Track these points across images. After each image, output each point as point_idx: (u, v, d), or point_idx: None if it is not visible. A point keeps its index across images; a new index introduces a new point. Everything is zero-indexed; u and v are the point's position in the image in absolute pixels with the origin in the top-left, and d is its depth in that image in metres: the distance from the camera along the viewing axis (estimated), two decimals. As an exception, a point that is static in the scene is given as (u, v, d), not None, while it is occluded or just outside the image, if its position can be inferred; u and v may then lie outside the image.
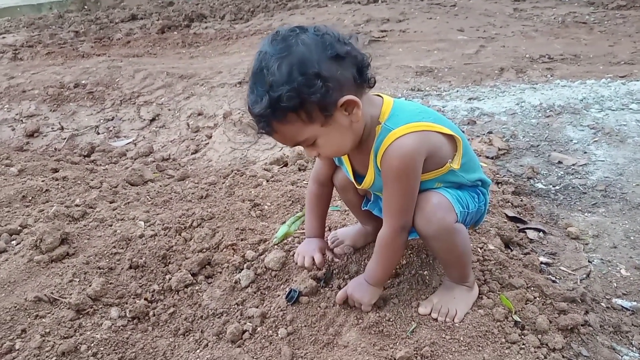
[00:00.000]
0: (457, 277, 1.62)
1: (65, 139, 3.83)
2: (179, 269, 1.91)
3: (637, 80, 3.53)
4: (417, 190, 1.44)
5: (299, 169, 2.80)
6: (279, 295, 1.74)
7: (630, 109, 3.12)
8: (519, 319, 1.58)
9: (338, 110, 1.30)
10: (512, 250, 2.00)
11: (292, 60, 1.23)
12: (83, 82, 4.55)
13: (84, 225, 2.18)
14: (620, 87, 3.43)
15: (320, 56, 1.25)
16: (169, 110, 3.98)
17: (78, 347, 1.58)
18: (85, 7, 9.29)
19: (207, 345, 1.61)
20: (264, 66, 1.25)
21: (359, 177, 1.57)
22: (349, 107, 1.31)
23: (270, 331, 1.61)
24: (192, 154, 3.39)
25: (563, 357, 1.48)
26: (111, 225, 2.19)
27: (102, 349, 1.59)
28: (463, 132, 1.66)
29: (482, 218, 1.68)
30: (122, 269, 1.91)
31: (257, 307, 1.71)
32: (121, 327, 1.68)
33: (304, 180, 2.60)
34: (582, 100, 3.30)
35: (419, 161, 1.39)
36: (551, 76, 3.84)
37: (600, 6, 5.82)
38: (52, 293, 1.77)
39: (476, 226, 1.74)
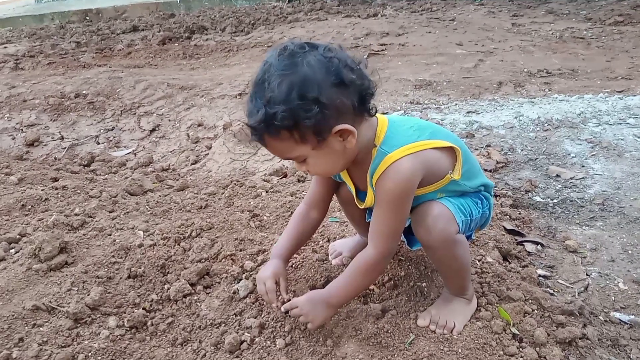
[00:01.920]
0: (456, 289, 1.63)
1: (65, 148, 3.84)
2: (178, 279, 1.91)
3: (635, 95, 3.56)
4: (407, 216, 1.45)
5: (299, 180, 2.81)
6: (277, 306, 1.73)
7: (628, 123, 3.14)
8: (517, 332, 1.58)
9: (332, 136, 1.29)
10: (510, 263, 2.00)
11: (294, 80, 1.22)
12: (84, 92, 4.58)
13: (83, 235, 2.18)
14: (618, 102, 3.46)
15: (323, 81, 1.24)
16: (169, 120, 4.00)
17: (75, 356, 1.58)
18: (87, 18, 9.37)
19: (205, 355, 1.61)
20: (266, 78, 1.25)
21: (362, 193, 1.58)
22: (344, 134, 1.31)
23: (269, 342, 1.61)
24: (192, 164, 3.40)
25: (561, 370, 1.48)
26: (110, 235, 2.19)
27: (99, 358, 1.59)
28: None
29: (488, 221, 1.69)
30: (120, 278, 1.91)
31: (255, 318, 1.70)
32: (119, 337, 1.68)
33: (303, 191, 2.61)
34: (579, 115, 3.32)
35: (414, 184, 1.39)
36: (549, 90, 3.87)
37: (598, 22, 5.88)
38: (50, 302, 1.76)
39: (482, 228, 1.74)
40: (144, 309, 1.79)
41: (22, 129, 4.12)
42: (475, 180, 1.56)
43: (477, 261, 1.90)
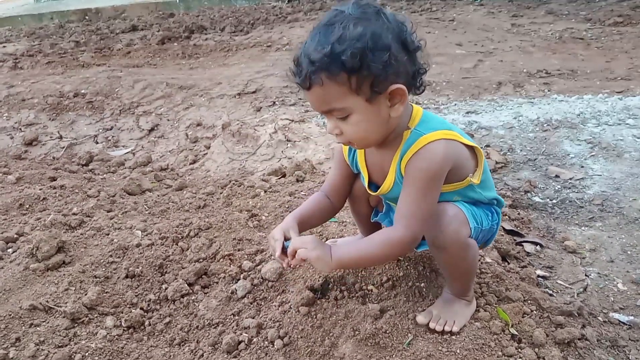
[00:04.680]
0: (458, 290, 1.62)
1: (63, 147, 3.83)
2: (176, 279, 1.90)
3: (634, 96, 3.56)
4: (437, 201, 1.41)
5: (297, 180, 2.80)
6: (275, 306, 1.73)
7: (627, 124, 3.14)
8: (515, 332, 1.57)
9: (384, 95, 1.28)
10: (509, 264, 2.00)
11: (369, 25, 1.22)
12: (83, 91, 4.57)
13: (81, 234, 2.18)
14: (617, 103, 3.46)
15: (395, 37, 1.25)
16: (168, 120, 3.99)
17: (72, 356, 1.57)
18: (86, 17, 9.36)
19: (202, 355, 1.60)
20: (337, 20, 1.23)
21: (373, 185, 1.56)
22: (395, 97, 1.29)
23: (266, 342, 1.60)
24: (191, 164, 3.40)
25: (560, 371, 1.48)
26: (108, 234, 2.18)
27: (96, 358, 1.58)
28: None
29: (492, 239, 1.67)
30: (118, 278, 1.91)
31: (253, 318, 1.70)
32: (116, 337, 1.67)
33: (301, 191, 2.60)
34: (579, 115, 3.32)
35: (446, 168, 1.37)
36: (548, 91, 3.87)
37: (597, 22, 5.87)
38: (47, 301, 1.76)
39: (486, 246, 1.72)
40: (141, 308, 1.79)
41: (20, 128, 4.11)
42: (489, 192, 1.56)
43: (476, 261, 1.89)
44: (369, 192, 1.59)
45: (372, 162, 1.54)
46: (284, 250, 1.44)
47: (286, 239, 1.47)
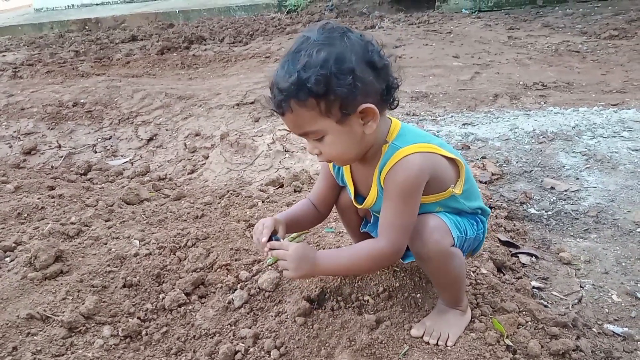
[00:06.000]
0: (450, 300, 1.63)
1: (62, 157, 3.85)
2: (173, 289, 1.91)
3: (629, 109, 3.59)
4: (417, 212, 1.44)
5: (295, 191, 2.82)
6: (271, 316, 1.74)
7: (622, 136, 3.17)
8: (510, 343, 1.58)
9: (355, 115, 1.31)
10: (504, 275, 2.01)
11: (332, 50, 1.25)
12: (82, 101, 4.59)
13: (79, 243, 2.18)
14: (612, 115, 3.49)
15: (360, 57, 1.28)
16: (167, 130, 4.01)
17: (69, 365, 1.58)
18: (86, 27, 9.41)
19: (199, 365, 1.61)
20: (303, 48, 1.27)
21: (360, 197, 1.59)
22: (367, 116, 1.32)
23: (263, 352, 1.61)
24: (189, 174, 3.41)
25: (554, 382, 1.49)
26: (106, 244, 2.19)
27: (93, 367, 1.59)
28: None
29: (480, 246, 1.69)
30: (115, 287, 1.91)
31: (249, 328, 1.71)
32: (113, 346, 1.68)
33: (299, 201, 2.61)
34: (574, 127, 3.35)
35: (423, 181, 1.40)
36: (544, 103, 3.90)
37: (593, 36, 5.92)
38: (44, 311, 1.76)
39: (474, 254, 1.74)
40: (138, 318, 1.79)
41: (19, 137, 4.13)
42: (474, 202, 1.57)
43: (471, 272, 1.91)
44: (356, 204, 1.61)
45: (358, 176, 1.57)
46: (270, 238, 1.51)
47: (274, 232, 1.54)
